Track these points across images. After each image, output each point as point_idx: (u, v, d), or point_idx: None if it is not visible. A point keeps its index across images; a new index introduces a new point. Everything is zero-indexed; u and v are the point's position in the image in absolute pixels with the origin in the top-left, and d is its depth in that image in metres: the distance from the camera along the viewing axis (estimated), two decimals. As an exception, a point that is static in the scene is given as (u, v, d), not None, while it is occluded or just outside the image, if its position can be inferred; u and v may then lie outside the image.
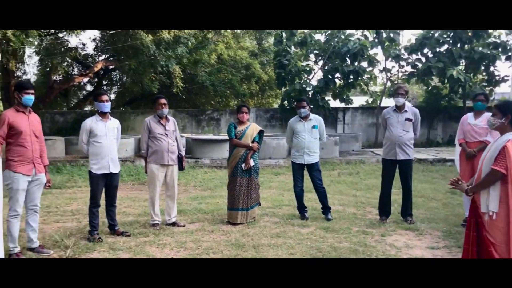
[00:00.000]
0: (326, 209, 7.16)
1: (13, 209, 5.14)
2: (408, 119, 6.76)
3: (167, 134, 6.57)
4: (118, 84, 23.58)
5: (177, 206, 6.96)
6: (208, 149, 13.51)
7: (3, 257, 4.04)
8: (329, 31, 17.55)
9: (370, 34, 17.42)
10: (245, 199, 6.78)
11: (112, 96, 23.81)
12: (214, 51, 20.58)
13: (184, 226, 6.64)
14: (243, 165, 6.78)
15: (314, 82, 18.18)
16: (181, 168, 6.76)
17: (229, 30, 20.79)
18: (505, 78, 17.85)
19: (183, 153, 6.85)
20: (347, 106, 18.70)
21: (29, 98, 5.18)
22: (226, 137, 7.67)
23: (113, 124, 6.10)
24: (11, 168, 5.07)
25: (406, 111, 6.79)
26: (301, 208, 7.22)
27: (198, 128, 20.34)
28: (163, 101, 6.60)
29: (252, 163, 6.78)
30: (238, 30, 22.19)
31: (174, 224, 6.68)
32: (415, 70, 17.90)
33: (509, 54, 17.15)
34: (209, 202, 8.35)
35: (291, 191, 7.96)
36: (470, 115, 6.61)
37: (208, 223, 6.83)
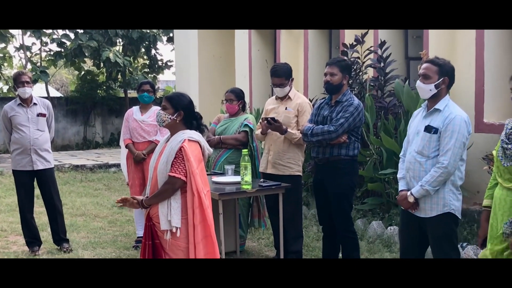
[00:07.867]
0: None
1: None
2: (41, 114, 6.65)
3: None
4: None
5: None
6: None
7: None
8: None
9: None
10: None
11: None
12: None
13: None
14: None
15: None
16: None
17: None
18: (169, 63, 19.58)
19: None
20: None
21: None
22: None
23: None
24: None
25: (35, 104, 6.67)
26: None
27: None
28: None
29: None
30: None
31: None
32: (62, 50, 17.83)
33: (171, 34, 18.59)
34: None
35: None
36: (135, 110, 7.00)
37: None
